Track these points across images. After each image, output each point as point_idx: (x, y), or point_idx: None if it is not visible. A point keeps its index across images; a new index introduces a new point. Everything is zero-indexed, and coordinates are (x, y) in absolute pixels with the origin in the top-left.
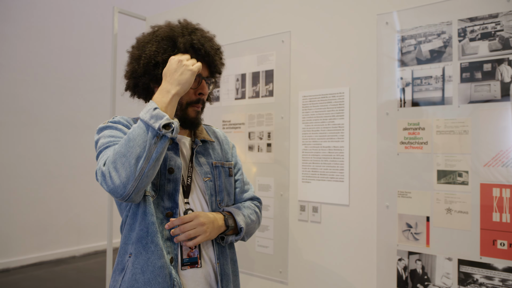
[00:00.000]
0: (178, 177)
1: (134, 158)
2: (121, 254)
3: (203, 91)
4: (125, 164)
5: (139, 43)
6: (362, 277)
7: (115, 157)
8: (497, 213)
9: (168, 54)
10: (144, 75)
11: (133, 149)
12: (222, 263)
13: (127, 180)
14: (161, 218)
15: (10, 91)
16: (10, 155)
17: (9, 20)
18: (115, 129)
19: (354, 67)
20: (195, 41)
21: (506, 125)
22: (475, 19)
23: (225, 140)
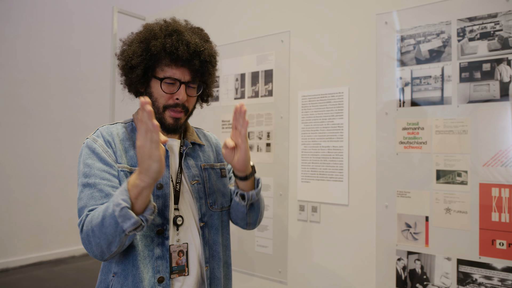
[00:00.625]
0: (167, 193)
1: (106, 243)
2: (104, 272)
3: (179, 97)
4: (98, 245)
5: (123, 43)
6: (361, 276)
7: (89, 233)
8: (496, 213)
9: (142, 57)
10: (126, 77)
11: (105, 236)
12: (213, 266)
13: (102, 254)
14: (152, 236)
15: (10, 91)
16: (9, 155)
17: (8, 20)
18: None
19: (353, 67)
20: (167, 45)
21: (505, 125)
22: (474, 19)
23: (217, 142)
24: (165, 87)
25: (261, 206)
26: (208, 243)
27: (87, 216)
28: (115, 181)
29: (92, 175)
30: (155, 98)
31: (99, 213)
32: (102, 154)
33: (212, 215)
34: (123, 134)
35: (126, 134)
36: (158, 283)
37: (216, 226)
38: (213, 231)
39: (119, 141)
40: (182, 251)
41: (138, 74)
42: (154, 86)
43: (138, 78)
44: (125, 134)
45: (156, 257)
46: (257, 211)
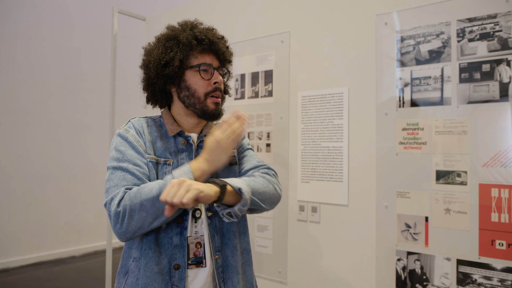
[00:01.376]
0: None
1: (153, 217)
2: (125, 258)
3: (217, 80)
4: (142, 219)
5: (146, 52)
6: (361, 277)
7: (136, 205)
8: (495, 213)
9: (175, 51)
10: (157, 77)
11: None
12: (226, 254)
13: (137, 230)
14: (171, 226)
15: (10, 91)
16: (9, 155)
17: (8, 20)
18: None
19: (353, 68)
20: (197, 33)
21: (505, 125)
22: (474, 19)
23: None
24: (203, 74)
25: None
26: (220, 232)
27: (127, 193)
28: (145, 169)
29: (125, 160)
30: (194, 89)
31: (153, 188)
32: (134, 143)
33: None
34: (152, 127)
35: (155, 127)
36: (174, 270)
37: None
38: None
39: (148, 133)
40: (200, 243)
41: (174, 67)
42: (190, 78)
43: (175, 71)
44: (154, 127)
45: (174, 245)
46: (261, 209)
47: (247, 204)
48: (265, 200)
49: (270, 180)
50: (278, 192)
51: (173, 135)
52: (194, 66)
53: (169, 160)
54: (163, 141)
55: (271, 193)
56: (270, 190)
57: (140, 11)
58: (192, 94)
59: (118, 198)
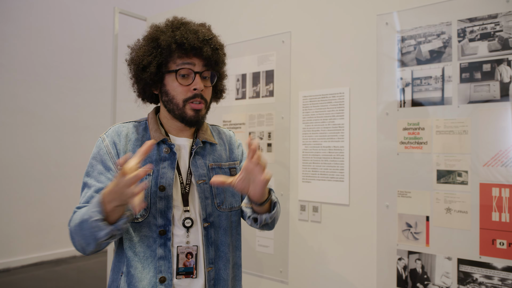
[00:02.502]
0: (170, 194)
1: (84, 243)
2: (115, 272)
3: (196, 86)
4: (79, 243)
5: (132, 49)
6: (362, 276)
7: (72, 229)
8: (496, 212)
9: (153, 55)
10: (137, 81)
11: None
12: (219, 267)
13: (82, 250)
14: (153, 237)
15: (11, 91)
16: (10, 155)
17: (9, 20)
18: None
19: (354, 68)
20: (177, 37)
21: (505, 125)
22: (475, 19)
23: (231, 140)
24: (181, 79)
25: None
26: (215, 244)
27: (74, 214)
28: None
29: (91, 176)
30: (173, 95)
31: (78, 216)
32: (105, 156)
33: (220, 216)
34: (133, 134)
35: (136, 134)
36: (159, 283)
37: (225, 226)
38: (221, 231)
39: (126, 142)
40: (191, 253)
41: (151, 72)
42: (169, 83)
43: (152, 76)
44: (135, 134)
45: (158, 257)
46: (271, 226)
47: (272, 217)
48: (276, 219)
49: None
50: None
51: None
52: (172, 71)
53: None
54: None
55: (278, 215)
56: (279, 212)
57: (141, 11)
58: (170, 100)
59: (70, 219)
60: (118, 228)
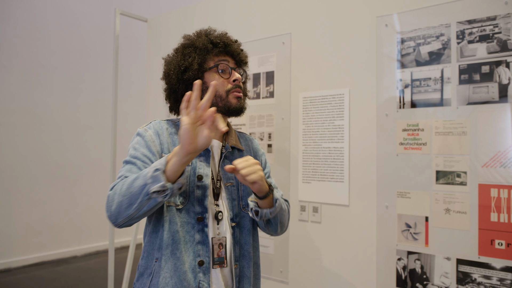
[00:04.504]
0: (207, 184)
1: (127, 203)
2: (147, 259)
3: (236, 77)
4: (119, 204)
5: (166, 62)
6: (361, 276)
7: (117, 191)
8: (495, 213)
9: (193, 57)
10: (179, 83)
11: (129, 196)
12: (243, 265)
13: (117, 215)
14: (192, 223)
15: (12, 92)
16: (11, 155)
17: (11, 21)
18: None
19: (354, 69)
20: (212, 38)
21: (504, 126)
22: (474, 21)
23: (257, 148)
24: (222, 73)
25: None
26: (239, 243)
27: (122, 179)
28: None
29: (136, 157)
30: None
31: (135, 175)
32: (149, 142)
33: (244, 217)
34: (172, 129)
35: (174, 129)
36: (198, 266)
37: (248, 227)
38: (245, 232)
39: (167, 134)
40: (222, 244)
41: (193, 70)
42: (209, 79)
43: (194, 74)
44: (174, 128)
45: (197, 242)
46: (275, 226)
47: (273, 213)
48: (281, 223)
49: (288, 209)
50: (288, 225)
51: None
52: (212, 67)
53: None
54: None
55: (285, 222)
56: (286, 219)
57: (142, 13)
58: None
59: (114, 183)
60: (171, 188)
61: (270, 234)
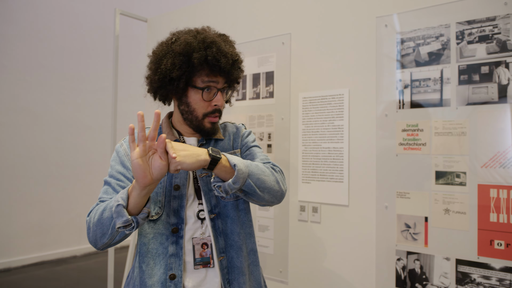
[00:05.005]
0: (184, 193)
1: (100, 233)
2: (132, 265)
3: (218, 103)
4: (94, 233)
5: (156, 55)
6: (361, 276)
7: (91, 219)
8: (494, 213)
9: (183, 70)
10: (161, 88)
11: (101, 227)
12: (231, 256)
13: (95, 242)
14: (166, 235)
15: (12, 92)
16: (11, 155)
17: (11, 21)
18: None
19: (353, 69)
20: (209, 57)
21: (503, 126)
22: (473, 22)
23: (236, 132)
24: (205, 95)
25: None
26: (224, 233)
27: (97, 205)
28: (127, 183)
29: (111, 176)
30: (194, 108)
31: (104, 205)
32: (123, 157)
33: (225, 205)
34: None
35: None
36: (169, 280)
37: (232, 215)
38: (229, 220)
39: None
40: (206, 244)
41: (178, 85)
42: (191, 96)
43: (178, 89)
44: None
45: (170, 254)
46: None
47: (238, 182)
48: (264, 188)
49: (273, 172)
50: (281, 187)
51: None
52: (198, 88)
53: None
54: None
55: (271, 184)
56: (270, 181)
57: (142, 13)
58: (191, 111)
59: (92, 207)
60: (136, 220)
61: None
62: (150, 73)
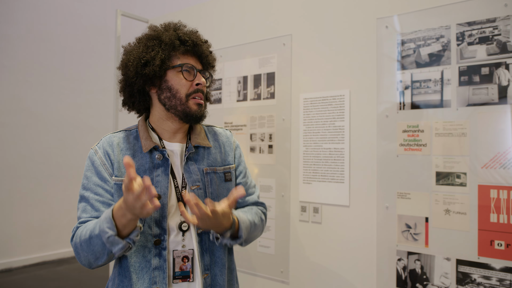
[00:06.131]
0: (165, 203)
1: (94, 259)
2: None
3: (200, 81)
4: (87, 258)
5: (125, 51)
6: (362, 276)
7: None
8: (494, 214)
9: (156, 50)
10: (136, 77)
11: (94, 254)
12: (215, 273)
13: (89, 265)
14: (149, 247)
15: (13, 92)
16: (13, 155)
17: (12, 22)
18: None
19: (354, 70)
20: (180, 34)
21: (503, 127)
22: (473, 23)
23: (227, 142)
24: (186, 74)
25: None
26: (210, 250)
27: (77, 229)
28: (107, 197)
29: (88, 189)
30: (176, 90)
31: (87, 231)
32: (100, 167)
33: None
34: (124, 144)
35: (127, 143)
36: None
37: None
38: None
39: (119, 151)
40: (187, 257)
41: (155, 65)
42: (172, 78)
43: (155, 70)
44: (127, 143)
45: (154, 267)
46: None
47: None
48: (248, 241)
49: (263, 222)
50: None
51: (147, 151)
52: (177, 66)
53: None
54: (137, 158)
55: (258, 235)
56: (258, 234)
57: (143, 13)
58: (173, 95)
59: (72, 235)
60: (132, 241)
61: None
62: (122, 69)
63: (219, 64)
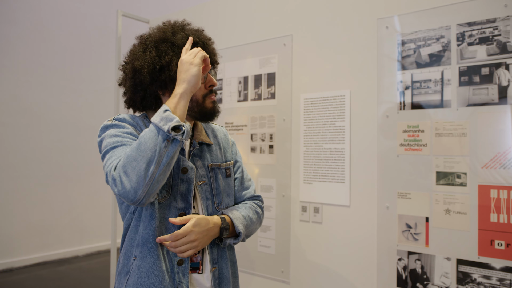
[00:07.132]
0: (192, 177)
1: (145, 162)
2: (125, 256)
3: (212, 83)
4: (135, 169)
5: (134, 54)
6: (362, 276)
7: (125, 162)
8: (494, 213)
9: (170, 55)
10: (152, 83)
11: (144, 153)
12: (221, 266)
13: (137, 185)
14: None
15: (14, 92)
16: (13, 155)
17: (13, 22)
18: (122, 127)
19: (355, 71)
20: (191, 34)
21: (503, 127)
22: (473, 24)
23: (225, 139)
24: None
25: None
26: (218, 244)
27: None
28: None
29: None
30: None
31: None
32: (130, 127)
33: None
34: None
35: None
36: (177, 266)
37: None
38: None
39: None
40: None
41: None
42: None
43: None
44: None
45: None
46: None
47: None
48: (248, 235)
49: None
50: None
51: None
52: None
53: None
54: None
55: (255, 230)
56: (256, 228)
57: (144, 14)
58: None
59: (114, 166)
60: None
61: None
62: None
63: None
